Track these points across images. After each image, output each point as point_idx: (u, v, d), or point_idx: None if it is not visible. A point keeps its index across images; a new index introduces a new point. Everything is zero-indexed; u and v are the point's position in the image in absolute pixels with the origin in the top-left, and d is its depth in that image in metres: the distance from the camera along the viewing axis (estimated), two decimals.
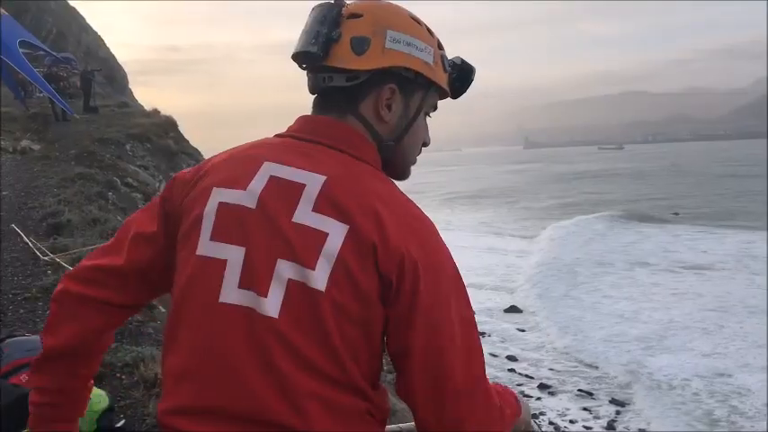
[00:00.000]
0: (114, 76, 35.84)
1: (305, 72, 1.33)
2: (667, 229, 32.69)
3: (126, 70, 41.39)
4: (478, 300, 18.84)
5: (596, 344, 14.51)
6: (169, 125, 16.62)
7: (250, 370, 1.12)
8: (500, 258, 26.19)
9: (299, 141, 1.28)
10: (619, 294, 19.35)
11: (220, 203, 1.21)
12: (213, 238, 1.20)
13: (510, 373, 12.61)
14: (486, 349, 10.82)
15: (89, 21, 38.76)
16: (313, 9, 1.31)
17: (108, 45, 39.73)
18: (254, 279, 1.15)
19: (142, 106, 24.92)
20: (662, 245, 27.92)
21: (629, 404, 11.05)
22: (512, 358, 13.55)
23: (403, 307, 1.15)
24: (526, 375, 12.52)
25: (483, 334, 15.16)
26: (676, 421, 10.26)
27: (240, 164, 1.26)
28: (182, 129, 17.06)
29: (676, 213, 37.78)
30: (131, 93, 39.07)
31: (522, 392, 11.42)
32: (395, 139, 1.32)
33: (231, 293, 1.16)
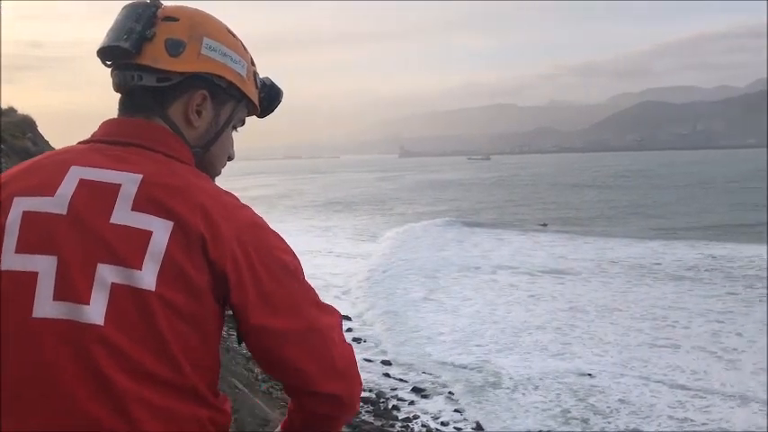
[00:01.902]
0: None
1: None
2: (528, 236, 34.42)
3: None
4: (350, 302, 19.07)
5: (460, 346, 15.00)
6: (27, 124, 15.52)
7: (77, 383, 1.08)
8: (363, 263, 26.33)
9: (107, 145, 1.25)
10: (478, 296, 20.08)
11: (24, 212, 1.15)
12: (19, 250, 1.13)
13: (385, 378, 12.79)
14: (360, 355, 10.85)
15: None
16: (125, 7, 1.29)
17: None
18: (71, 288, 1.10)
19: None
20: (522, 250, 29.31)
21: (491, 404, 11.52)
22: (386, 363, 13.77)
23: (251, 298, 1.16)
24: (400, 379, 12.74)
25: (359, 340, 15.33)
26: (535, 420, 10.81)
27: (44, 171, 1.21)
28: (42, 129, 15.97)
29: (545, 224, 39.95)
30: None
31: (396, 396, 11.70)
32: (203, 146, 1.32)
33: (45, 307, 1.10)
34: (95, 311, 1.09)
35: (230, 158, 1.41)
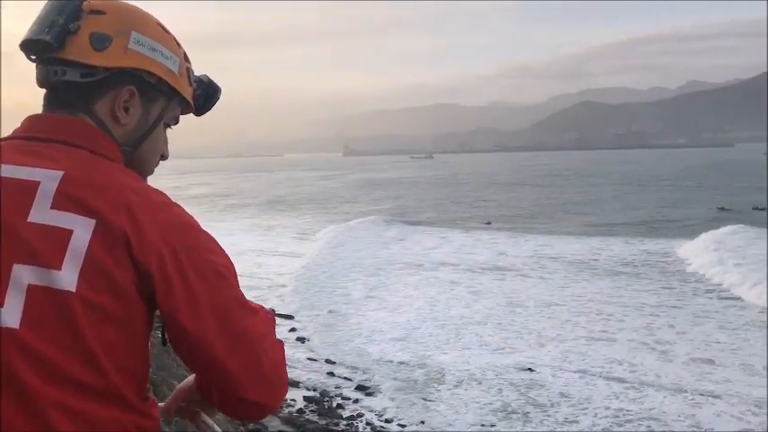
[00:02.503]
0: None
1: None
2: (470, 234, 34.90)
3: None
4: (293, 301, 18.96)
5: (402, 343, 15.11)
6: None
7: None
8: (305, 262, 26.23)
9: (27, 141, 1.20)
10: (419, 294, 20.26)
11: None
12: None
13: (329, 377, 12.77)
14: (303, 354, 10.82)
15: None
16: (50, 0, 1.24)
17: None
18: None
19: None
20: (464, 248, 29.74)
21: (433, 400, 11.64)
22: (330, 361, 13.74)
23: (179, 301, 1.13)
24: (344, 378, 12.74)
25: (303, 339, 15.27)
26: (476, 415, 10.97)
27: None
28: None
29: (488, 223, 40.61)
30: None
31: (341, 395, 11.70)
32: (132, 144, 1.27)
33: None
34: (10, 314, 1.05)
35: (164, 157, 1.36)
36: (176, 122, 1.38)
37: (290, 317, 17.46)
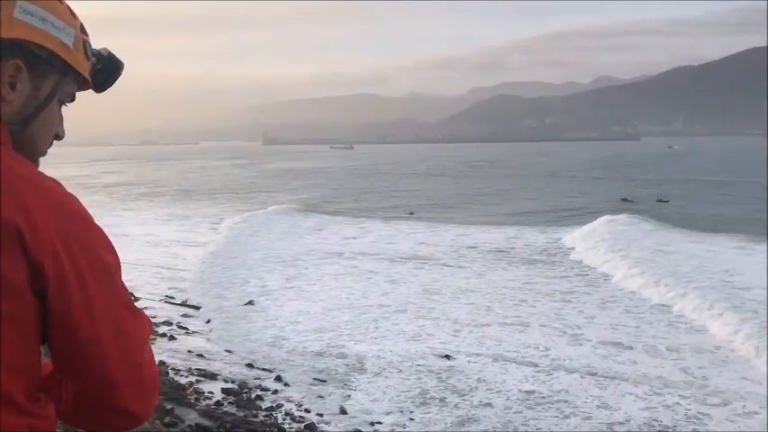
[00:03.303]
0: None
1: None
2: (391, 224, 35.17)
3: None
4: (207, 292, 18.62)
5: (320, 333, 15.12)
6: None
7: None
8: (221, 252, 25.84)
9: None
10: (337, 283, 20.33)
11: None
12: None
13: (248, 369, 12.62)
14: (219, 346, 10.64)
15: None
16: None
17: None
18: None
19: None
20: (384, 238, 29.99)
21: (352, 389, 11.70)
22: (248, 353, 13.57)
23: (74, 302, 1.09)
24: (263, 369, 12.63)
25: (220, 331, 14.99)
26: (393, 402, 11.12)
27: None
28: None
29: (411, 213, 41.03)
30: None
31: (260, 386, 11.58)
32: (20, 123, 1.18)
33: None
34: None
35: (58, 137, 1.27)
36: (72, 99, 1.29)
37: (197, 307, 17.15)
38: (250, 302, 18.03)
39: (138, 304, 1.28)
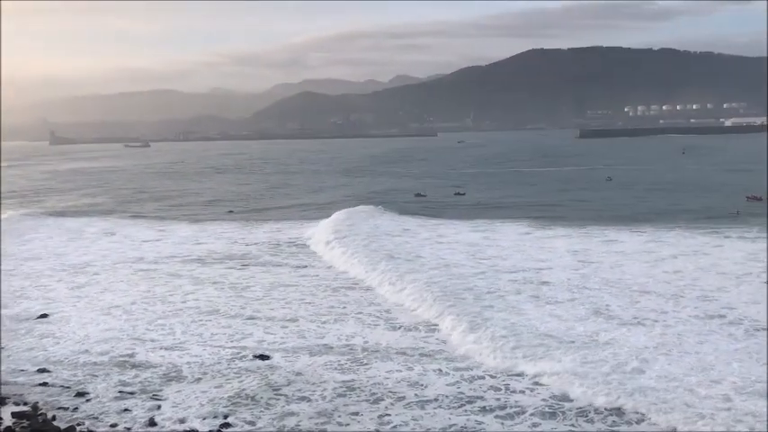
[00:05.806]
0: None
1: None
2: (199, 225, 33.96)
3: None
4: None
5: (120, 341, 14.43)
6: None
7: None
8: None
9: None
10: (135, 290, 19.44)
11: None
12: None
13: (42, 387, 11.57)
14: (7, 366, 9.54)
15: None
16: None
17: None
18: None
19: None
20: (190, 239, 28.95)
21: (166, 399, 11.21)
22: (42, 371, 12.48)
23: None
24: (61, 386, 11.67)
25: (6, 349, 13.54)
26: (207, 406, 10.81)
27: None
28: None
29: (231, 211, 40.01)
30: None
31: (56, 405, 10.64)
32: None
33: None
34: None
35: None
36: None
37: None
38: (43, 315, 16.49)
39: None
